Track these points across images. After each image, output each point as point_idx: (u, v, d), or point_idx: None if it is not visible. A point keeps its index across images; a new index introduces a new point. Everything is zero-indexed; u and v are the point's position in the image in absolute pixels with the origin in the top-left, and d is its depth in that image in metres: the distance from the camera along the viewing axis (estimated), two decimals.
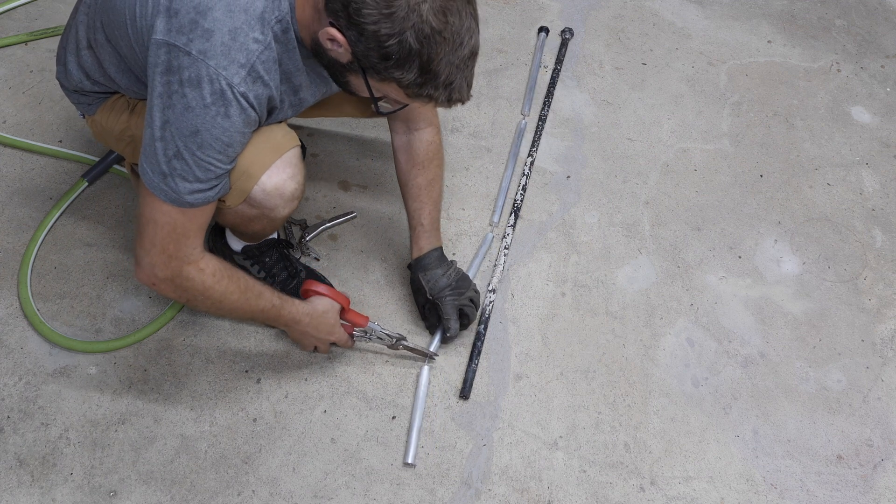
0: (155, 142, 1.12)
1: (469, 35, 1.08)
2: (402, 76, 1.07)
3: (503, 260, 1.71)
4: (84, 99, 1.39)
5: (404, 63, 1.06)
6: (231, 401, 1.49)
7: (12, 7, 2.05)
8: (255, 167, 1.25)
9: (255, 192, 1.27)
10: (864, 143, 2.05)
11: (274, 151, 1.27)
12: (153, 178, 1.14)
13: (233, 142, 1.14)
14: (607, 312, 1.67)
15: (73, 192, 1.70)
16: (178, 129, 1.09)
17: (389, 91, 1.14)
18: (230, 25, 1.06)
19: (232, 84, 1.07)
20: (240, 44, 1.07)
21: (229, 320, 1.57)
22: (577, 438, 1.50)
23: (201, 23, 1.05)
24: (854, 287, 1.77)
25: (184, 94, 1.07)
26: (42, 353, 1.51)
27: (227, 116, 1.10)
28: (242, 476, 1.41)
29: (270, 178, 1.27)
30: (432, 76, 1.07)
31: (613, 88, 2.10)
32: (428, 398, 1.52)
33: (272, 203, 1.30)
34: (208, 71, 1.06)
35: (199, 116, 1.08)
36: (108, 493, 1.38)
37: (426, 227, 1.55)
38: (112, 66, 1.27)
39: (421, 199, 1.54)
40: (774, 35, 2.29)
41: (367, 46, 1.05)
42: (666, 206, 1.87)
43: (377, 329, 1.48)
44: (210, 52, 1.05)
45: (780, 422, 1.55)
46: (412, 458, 1.43)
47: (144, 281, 1.23)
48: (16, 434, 1.42)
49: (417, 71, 1.07)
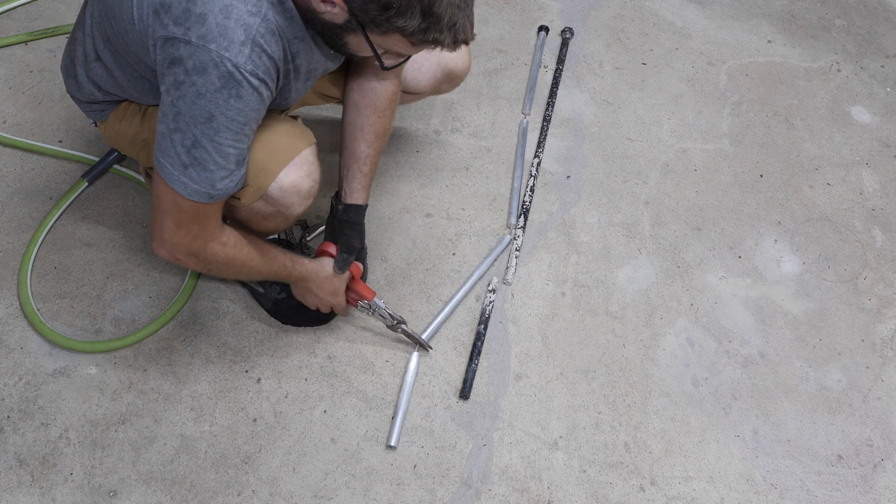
0: (171, 134, 1.11)
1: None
2: (406, 24, 1.06)
3: (514, 262, 1.71)
4: (96, 107, 1.39)
5: (406, 10, 1.04)
6: (231, 401, 1.49)
7: (12, 7, 2.05)
8: (273, 165, 1.26)
9: (272, 189, 1.28)
10: (864, 143, 2.05)
11: (291, 149, 1.28)
12: (173, 172, 1.13)
13: (248, 120, 1.13)
14: (607, 312, 1.67)
15: (73, 192, 1.70)
16: (192, 117, 1.09)
17: (392, 44, 1.12)
18: (220, 4, 1.05)
19: (238, 64, 1.06)
20: (234, 20, 1.05)
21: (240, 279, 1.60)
22: (577, 438, 1.50)
23: (193, 9, 1.05)
24: (854, 287, 1.77)
25: (193, 83, 1.07)
26: (42, 353, 1.51)
27: (240, 97, 1.09)
28: (242, 476, 1.41)
29: (288, 175, 1.28)
30: (436, 19, 1.06)
31: (613, 88, 2.10)
32: (428, 398, 1.52)
33: (289, 200, 1.31)
34: (211, 55, 1.05)
35: (211, 102, 1.08)
36: (108, 493, 1.38)
37: (367, 174, 1.50)
38: (123, 76, 1.27)
39: (374, 146, 1.49)
40: (774, 35, 2.29)
41: (366, 0, 1.04)
42: (666, 206, 1.87)
43: (381, 306, 1.50)
44: (208, 35, 1.04)
45: (780, 422, 1.56)
46: (395, 441, 1.45)
47: (165, 257, 1.24)
48: (16, 434, 1.42)
49: (420, 16, 1.05)
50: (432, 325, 1.60)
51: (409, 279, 1.68)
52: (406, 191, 1.82)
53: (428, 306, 1.64)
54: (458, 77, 1.62)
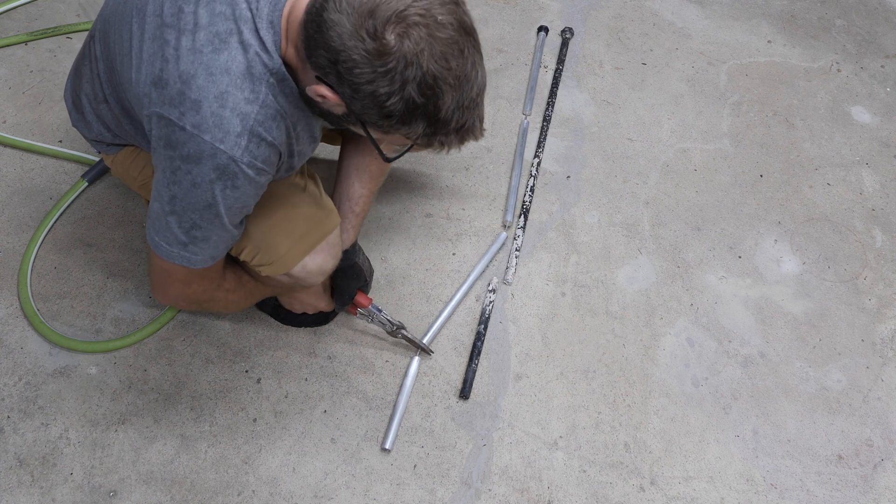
0: (166, 216, 1.09)
1: (475, 71, 0.97)
2: (409, 131, 0.98)
3: (514, 262, 1.71)
4: (103, 146, 1.36)
5: (409, 119, 0.96)
6: (231, 401, 1.49)
7: (12, 7, 2.05)
8: (298, 250, 1.28)
9: (297, 269, 1.30)
10: (864, 143, 2.05)
11: (316, 234, 1.30)
12: (172, 250, 1.12)
13: (248, 203, 1.11)
14: (607, 312, 1.67)
15: (73, 192, 1.70)
16: (188, 204, 1.06)
17: (395, 140, 1.06)
18: (215, 91, 0.99)
19: (234, 158, 1.02)
20: (230, 109, 1.00)
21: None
22: (577, 438, 1.50)
23: (188, 93, 0.99)
24: (854, 287, 1.77)
25: (188, 171, 1.03)
26: (42, 353, 1.51)
27: (236, 188, 1.05)
28: (242, 476, 1.41)
29: (314, 259, 1.31)
30: (442, 125, 0.98)
31: (613, 88, 2.10)
32: (428, 398, 1.52)
33: (311, 280, 1.34)
34: (206, 147, 1.01)
35: (207, 192, 1.04)
36: (108, 493, 1.38)
37: (359, 214, 1.47)
38: (129, 125, 1.23)
39: (368, 186, 1.46)
40: (774, 35, 2.29)
41: (364, 105, 0.96)
42: (666, 206, 1.87)
43: (379, 313, 1.50)
44: (203, 125, 1.00)
45: (780, 422, 1.55)
46: (390, 445, 1.45)
47: (173, 306, 1.26)
48: (16, 434, 1.42)
49: (425, 124, 0.97)
50: (432, 328, 1.59)
51: (409, 279, 1.68)
52: (406, 191, 1.82)
53: (428, 306, 1.64)
54: None
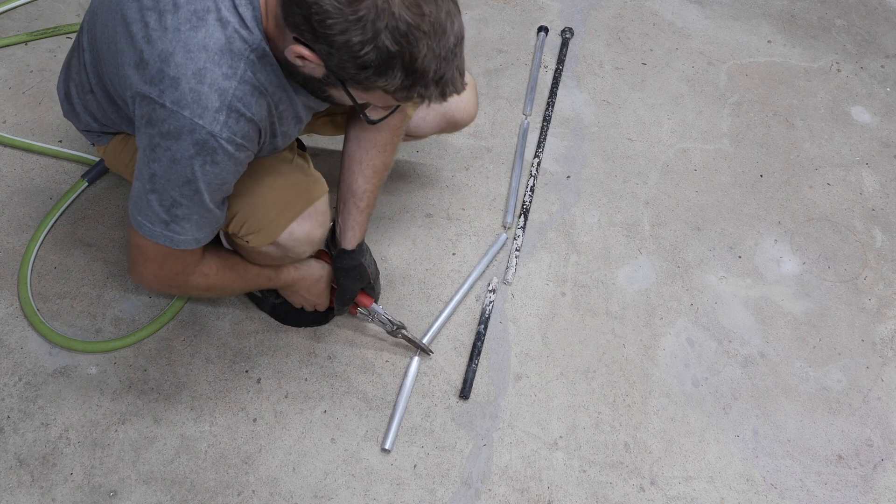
0: (147, 194, 1.09)
1: (450, 20, 0.96)
2: (387, 83, 0.98)
3: (514, 262, 1.71)
4: (93, 135, 1.37)
5: (385, 69, 0.96)
6: (231, 401, 1.49)
7: (12, 7, 2.05)
8: (285, 216, 1.27)
9: (283, 237, 1.29)
10: (864, 143, 2.05)
11: (303, 199, 1.29)
12: (154, 229, 1.12)
13: (227, 180, 1.11)
14: (607, 312, 1.67)
15: (73, 192, 1.70)
16: (168, 181, 1.07)
17: (376, 98, 1.05)
18: (193, 68, 1.00)
19: (213, 133, 1.03)
20: (208, 85, 1.01)
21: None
22: (577, 438, 1.50)
23: (167, 71, 1.00)
24: (854, 287, 1.77)
25: (168, 147, 1.04)
26: (42, 353, 1.51)
27: (215, 163, 1.06)
28: (242, 476, 1.41)
29: (300, 226, 1.29)
30: (420, 75, 0.97)
31: (613, 88, 2.10)
32: (428, 398, 1.52)
33: (300, 249, 1.33)
34: (185, 122, 1.02)
35: (186, 167, 1.05)
36: (108, 493, 1.38)
37: (363, 210, 1.45)
38: (115, 114, 1.24)
39: (373, 181, 1.44)
40: (774, 35, 2.29)
41: (341, 58, 0.96)
42: (666, 206, 1.87)
43: (380, 312, 1.50)
44: (182, 101, 1.01)
45: (780, 422, 1.55)
46: (390, 445, 1.45)
47: (147, 288, 1.24)
48: (16, 434, 1.42)
49: (402, 74, 0.97)
50: (432, 328, 1.59)
51: (409, 279, 1.68)
52: (406, 191, 1.82)
53: (428, 306, 1.64)
54: (462, 125, 1.61)
